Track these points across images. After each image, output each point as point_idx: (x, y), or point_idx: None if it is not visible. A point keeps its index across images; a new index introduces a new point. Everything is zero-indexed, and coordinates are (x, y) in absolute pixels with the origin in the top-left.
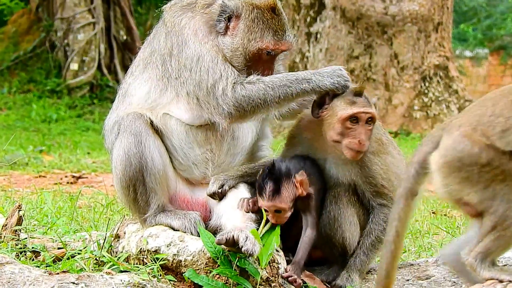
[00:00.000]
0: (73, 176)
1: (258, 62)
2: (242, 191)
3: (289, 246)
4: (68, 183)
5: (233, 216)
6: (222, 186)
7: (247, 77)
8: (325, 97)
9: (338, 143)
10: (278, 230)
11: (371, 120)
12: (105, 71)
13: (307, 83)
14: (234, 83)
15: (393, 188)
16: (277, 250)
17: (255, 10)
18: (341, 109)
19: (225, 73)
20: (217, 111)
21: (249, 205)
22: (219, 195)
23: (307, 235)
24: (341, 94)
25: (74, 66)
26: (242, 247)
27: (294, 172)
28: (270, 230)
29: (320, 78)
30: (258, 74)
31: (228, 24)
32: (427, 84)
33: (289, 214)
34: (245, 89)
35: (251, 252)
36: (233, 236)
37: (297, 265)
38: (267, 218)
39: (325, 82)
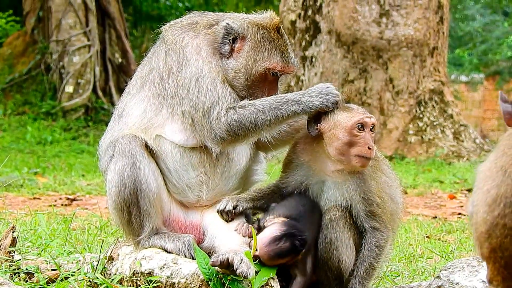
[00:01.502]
0: (68, 198)
1: (264, 83)
2: (241, 217)
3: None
4: (62, 205)
5: (228, 238)
6: (236, 207)
7: (239, 102)
8: (320, 113)
9: (344, 156)
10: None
11: (373, 127)
12: (100, 93)
13: (297, 104)
14: (227, 108)
15: (385, 210)
16: (271, 275)
17: (261, 30)
18: (344, 118)
19: (222, 97)
20: (210, 135)
21: (247, 230)
22: (231, 216)
23: (298, 281)
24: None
25: (69, 88)
26: (237, 269)
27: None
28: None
29: (309, 98)
30: (263, 95)
31: (233, 46)
32: (422, 108)
33: None
34: (237, 114)
35: (245, 275)
36: (228, 258)
37: None
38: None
39: (314, 102)
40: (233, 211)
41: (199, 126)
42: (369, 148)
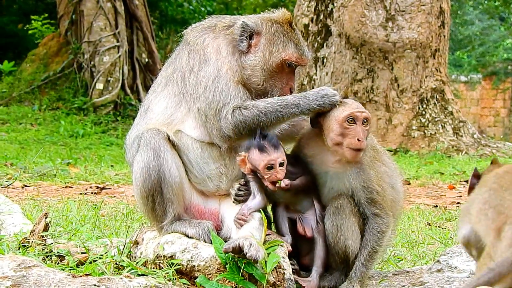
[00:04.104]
0: (97, 187)
1: (281, 75)
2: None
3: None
4: (92, 193)
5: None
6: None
7: (244, 103)
8: None
9: (339, 146)
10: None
11: (366, 121)
12: (128, 90)
13: (296, 107)
14: (234, 108)
15: (386, 198)
16: (282, 257)
17: (274, 24)
18: (338, 111)
19: (233, 98)
20: (218, 133)
21: (241, 215)
22: (244, 195)
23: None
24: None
25: (100, 86)
26: (247, 253)
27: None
28: (275, 240)
29: (307, 101)
30: (282, 87)
31: (250, 42)
32: (424, 106)
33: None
34: (242, 115)
35: (255, 258)
36: (239, 244)
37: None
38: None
39: (312, 104)
40: (241, 186)
41: (210, 124)
42: (358, 140)
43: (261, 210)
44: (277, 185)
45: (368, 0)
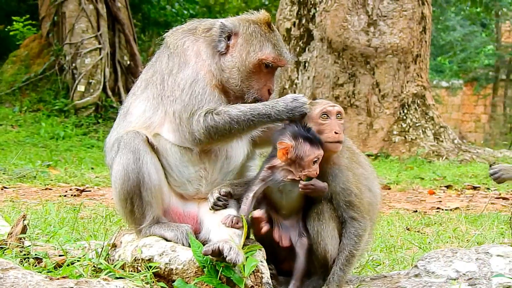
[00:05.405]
0: (77, 189)
1: (259, 76)
2: (230, 209)
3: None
4: (72, 195)
5: (220, 229)
6: (220, 193)
7: (217, 107)
8: None
9: None
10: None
11: (340, 114)
12: (109, 93)
13: (267, 116)
14: (206, 112)
15: (363, 201)
16: (261, 261)
17: (252, 25)
18: (311, 110)
19: (207, 103)
20: (190, 136)
21: (232, 221)
22: (223, 203)
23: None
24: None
25: (81, 88)
26: (226, 256)
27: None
28: (253, 245)
29: (277, 110)
30: (260, 89)
31: (228, 42)
32: (405, 111)
33: None
34: (213, 120)
35: (234, 261)
36: (218, 247)
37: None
38: (247, 230)
39: (282, 115)
40: (221, 197)
41: (183, 127)
42: (335, 132)
43: (242, 216)
44: (306, 182)
45: (350, 5)
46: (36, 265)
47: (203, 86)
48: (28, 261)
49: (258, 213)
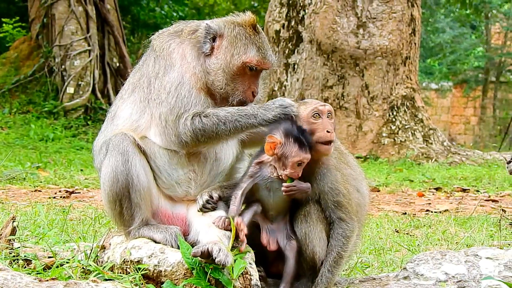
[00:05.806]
0: (67, 191)
1: (243, 78)
2: (220, 211)
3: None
4: (61, 197)
5: (209, 231)
6: (210, 196)
7: (205, 110)
8: None
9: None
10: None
11: (330, 114)
12: (99, 95)
13: (254, 118)
14: (194, 115)
15: (351, 202)
16: (249, 263)
17: (237, 27)
18: (302, 110)
19: (194, 105)
20: (176, 139)
21: (224, 223)
22: (212, 206)
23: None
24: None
25: (70, 90)
26: (215, 258)
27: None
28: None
29: (264, 112)
30: (244, 91)
31: (213, 44)
32: (394, 113)
33: None
34: (201, 122)
35: (224, 263)
36: (207, 249)
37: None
38: (235, 232)
39: (269, 116)
40: (210, 200)
41: (169, 129)
42: (328, 131)
43: (230, 217)
44: (289, 183)
45: (340, 7)
46: (25, 267)
47: (188, 89)
48: (18, 262)
49: (238, 219)
